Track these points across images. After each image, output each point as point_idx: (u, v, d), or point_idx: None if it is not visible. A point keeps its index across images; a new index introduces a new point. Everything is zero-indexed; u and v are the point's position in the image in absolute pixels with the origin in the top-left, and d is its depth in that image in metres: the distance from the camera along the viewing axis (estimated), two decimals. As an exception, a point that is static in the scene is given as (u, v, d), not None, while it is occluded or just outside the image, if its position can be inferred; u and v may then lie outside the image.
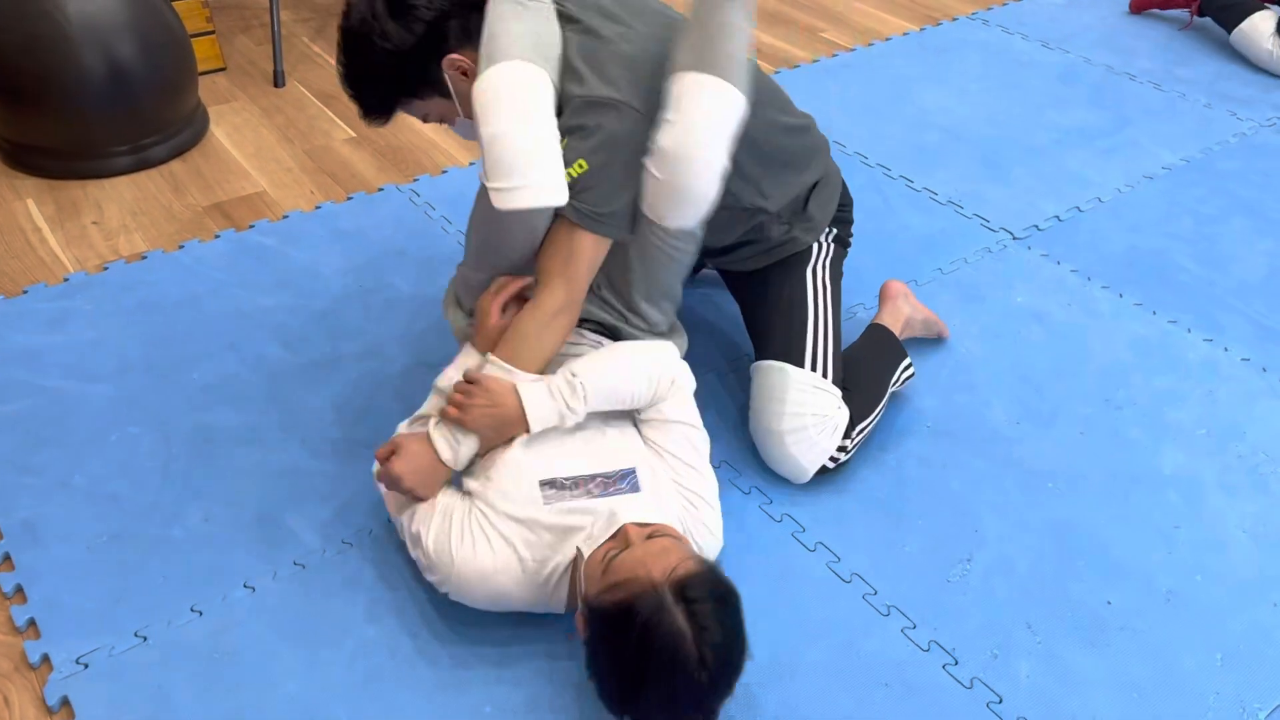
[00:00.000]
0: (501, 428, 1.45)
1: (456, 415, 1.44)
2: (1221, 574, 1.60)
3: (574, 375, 1.46)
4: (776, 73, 3.00)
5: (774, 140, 1.66)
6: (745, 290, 1.84)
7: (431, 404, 1.56)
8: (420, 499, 1.46)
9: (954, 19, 3.37)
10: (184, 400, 1.85)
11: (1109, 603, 1.55)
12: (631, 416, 1.57)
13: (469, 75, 1.48)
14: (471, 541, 1.40)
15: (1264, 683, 1.46)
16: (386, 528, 1.63)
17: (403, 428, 1.55)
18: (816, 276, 1.77)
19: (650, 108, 1.47)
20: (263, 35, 3.13)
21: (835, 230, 1.83)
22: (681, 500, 1.48)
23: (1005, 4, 3.48)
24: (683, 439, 1.53)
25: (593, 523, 1.37)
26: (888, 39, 3.24)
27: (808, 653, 1.47)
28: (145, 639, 1.46)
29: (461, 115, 1.56)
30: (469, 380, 1.46)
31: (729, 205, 1.59)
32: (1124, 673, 1.46)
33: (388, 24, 1.46)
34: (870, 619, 1.52)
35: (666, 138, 1.43)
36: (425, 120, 1.61)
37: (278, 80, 2.89)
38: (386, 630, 1.48)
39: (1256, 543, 1.66)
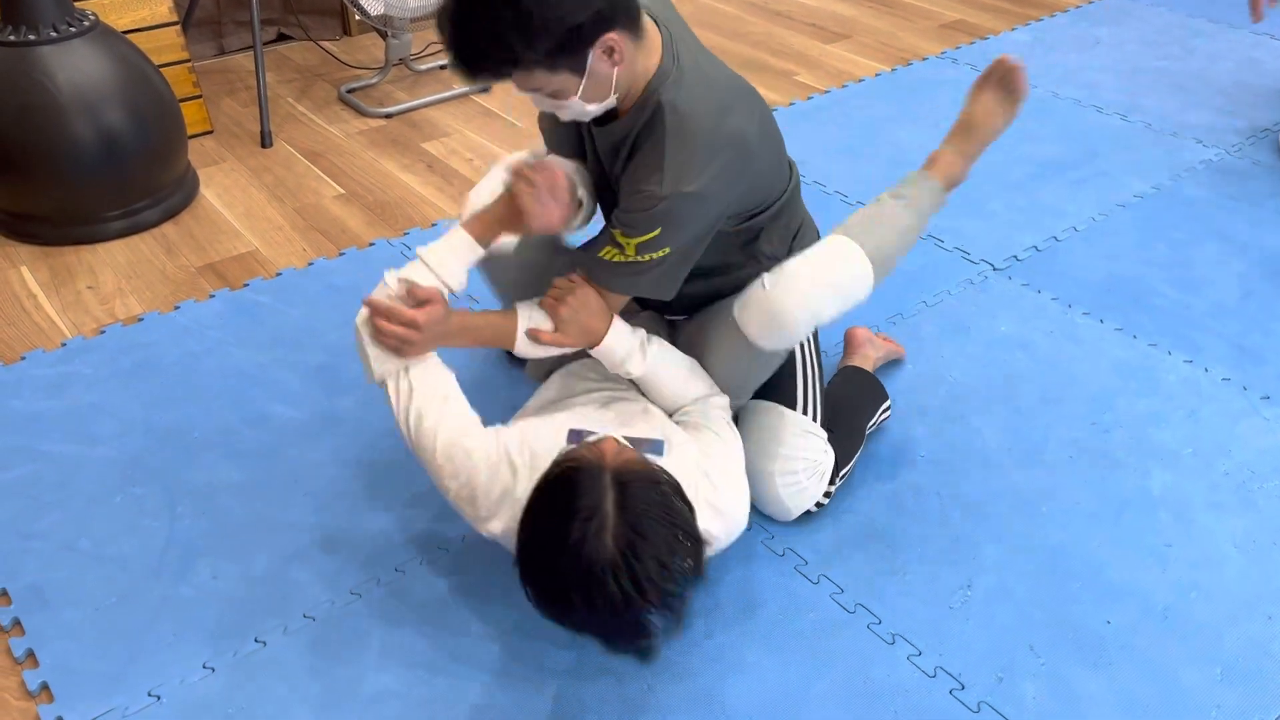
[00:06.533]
0: (585, 334, 1.56)
1: (552, 305, 1.54)
2: (1215, 590, 1.64)
3: (658, 340, 1.61)
4: (754, 117, 3.07)
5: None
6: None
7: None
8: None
9: (924, 59, 3.47)
10: (186, 459, 1.86)
11: (1108, 622, 1.58)
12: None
13: (615, 58, 1.36)
14: (474, 466, 1.47)
15: (1263, 695, 1.48)
16: (393, 576, 1.64)
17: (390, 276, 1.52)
18: None
19: None
20: (248, 97, 3.18)
21: None
22: (700, 477, 1.48)
23: (972, 43, 3.58)
24: (716, 413, 1.61)
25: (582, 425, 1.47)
26: (860, 80, 3.32)
27: (816, 683, 1.49)
28: (159, 698, 1.46)
29: (579, 96, 1.39)
30: (572, 280, 1.55)
31: (727, 261, 1.66)
32: (1127, 691, 1.49)
33: None
34: (876, 648, 1.54)
35: (782, 268, 1.57)
36: (536, 91, 1.39)
37: (265, 140, 2.94)
38: (398, 678, 1.49)
39: (1247, 558, 1.69)
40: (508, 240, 1.60)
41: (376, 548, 1.70)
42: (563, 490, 1.25)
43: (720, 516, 1.48)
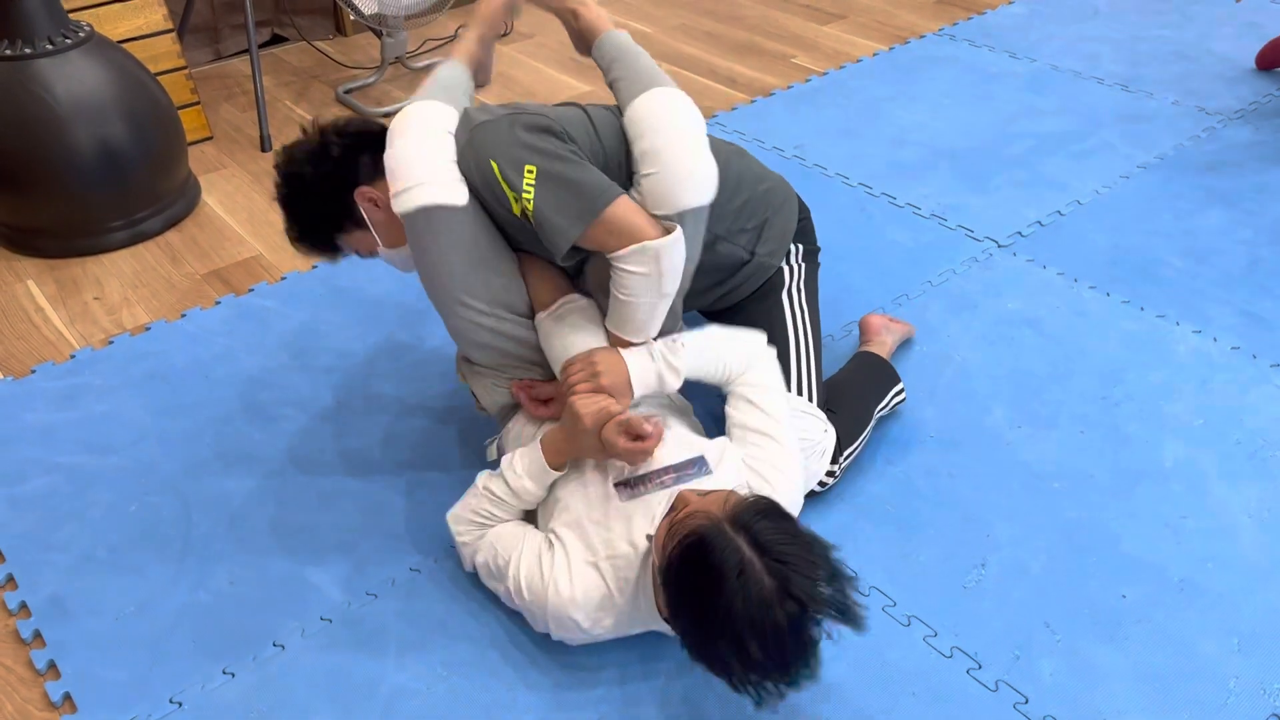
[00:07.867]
0: (624, 384, 1.53)
1: (590, 389, 1.50)
2: (1231, 560, 1.64)
3: (675, 339, 1.56)
4: (751, 102, 3.06)
5: (725, 206, 1.69)
6: (725, 322, 1.86)
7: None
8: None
9: (921, 37, 3.45)
10: (200, 466, 1.87)
11: (1124, 596, 1.58)
12: (689, 414, 1.64)
13: (381, 206, 1.61)
14: (554, 579, 1.43)
15: (1282, 663, 1.49)
16: (409, 576, 1.65)
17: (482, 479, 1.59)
18: (793, 299, 1.81)
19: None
20: (246, 102, 3.19)
21: (801, 246, 1.86)
22: (750, 470, 1.50)
23: (970, 19, 3.56)
24: (761, 412, 1.56)
25: (651, 507, 1.43)
26: (858, 60, 3.31)
27: (833, 667, 1.49)
28: (180, 705, 1.48)
29: (381, 246, 1.67)
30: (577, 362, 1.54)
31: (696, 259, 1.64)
32: (1144, 664, 1.49)
33: (303, 165, 1.64)
34: (892, 630, 1.55)
35: (648, 142, 1.53)
36: (359, 254, 1.71)
37: (264, 145, 2.94)
38: (417, 677, 1.50)
39: (1262, 527, 1.69)
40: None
41: (392, 548, 1.70)
42: (699, 559, 1.24)
43: (784, 475, 1.51)
